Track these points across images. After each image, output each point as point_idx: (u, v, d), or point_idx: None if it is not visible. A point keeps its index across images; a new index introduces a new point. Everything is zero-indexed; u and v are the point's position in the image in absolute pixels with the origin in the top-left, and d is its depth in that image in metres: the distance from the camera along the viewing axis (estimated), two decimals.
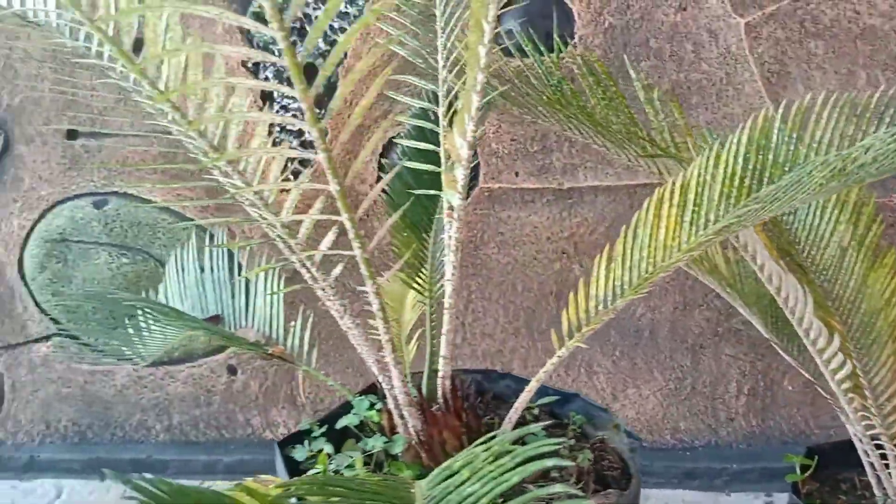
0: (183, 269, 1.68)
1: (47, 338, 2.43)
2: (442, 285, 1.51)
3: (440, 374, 1.40)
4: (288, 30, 0.97)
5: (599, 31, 2.11)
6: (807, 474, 1.65)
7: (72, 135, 2.34)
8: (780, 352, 1.57)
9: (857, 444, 1.53)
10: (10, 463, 2.42)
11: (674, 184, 1.07)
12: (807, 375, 1.51)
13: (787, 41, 2.06)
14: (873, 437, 1.47)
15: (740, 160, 1.04)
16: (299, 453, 1.56)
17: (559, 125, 1.34)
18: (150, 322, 1.44)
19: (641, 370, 2.28)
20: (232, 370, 2.40)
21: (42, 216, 2.37)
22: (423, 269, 1.60)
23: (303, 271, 1.41)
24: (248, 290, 1.62)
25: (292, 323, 1.60)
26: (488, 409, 1.59)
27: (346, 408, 1.64)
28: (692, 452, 2.29)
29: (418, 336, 1.65)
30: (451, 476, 0.85)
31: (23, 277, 2.40)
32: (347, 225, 1.19)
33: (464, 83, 1.15)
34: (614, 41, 2.10)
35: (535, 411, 1.68)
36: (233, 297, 1.61)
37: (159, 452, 2.39)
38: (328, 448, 1.55)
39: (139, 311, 1.45)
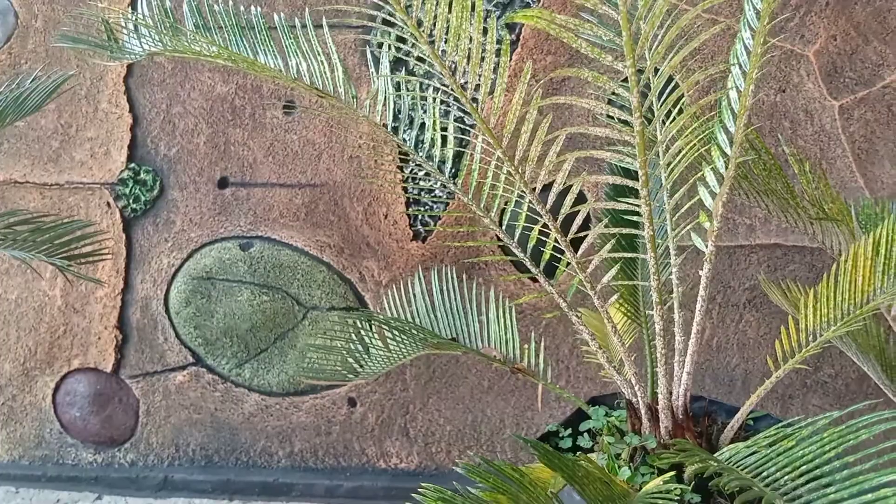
0: (414, 297, 1.89)
1: (184, 367, 2.65)
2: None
3: (682, 387, 1.60)
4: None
5: (706, 108, 2.37)
6: None
7: (223, 183, 2.61)
8: (892, 396, 1.78)
9: None
10: (145, 482, 2.61)
11: (867, 240, 1.30)
12: None
13: (876, 122, 2.32)
14: None
15: None
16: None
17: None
18: (390, 339, 1.62)
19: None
20: (352, 402, 2.61)
21: (190, 255, 2.62)
22: (637, 303, 1.82)
23: (560, 301, 1.62)
24: (481, 316, 1.82)
25: (525, 346, 1.78)
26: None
27: (580, 415, 1.81)
28: None
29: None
30: (752, 453, 1.10)
31: (167, 311, 2.64)
32: (651, 262, 1.43)
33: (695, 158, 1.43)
34: None
35: (750, 422, 1.87)
36: (467, 324, 1.81)
37: (285, 476, 2.58)
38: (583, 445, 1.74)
39: (371, 329, 1.64)
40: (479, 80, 1.48)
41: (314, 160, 2.57)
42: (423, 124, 1.56)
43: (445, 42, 1.47)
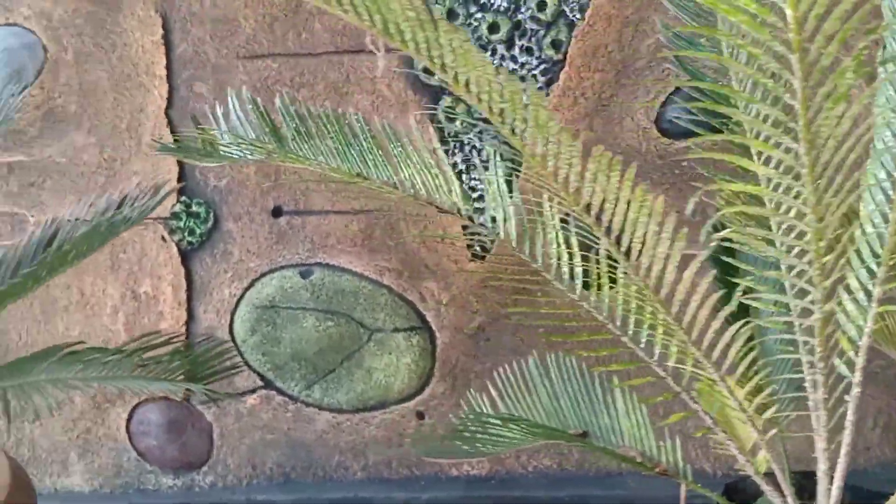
0: (533, 384, 1.92)
1: (254, 391, 2.72)
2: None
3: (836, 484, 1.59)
4: None
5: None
6: None
7: (277, 212, 2.63)
8: None
9: None
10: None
11: None
12: None
13: None
14: None
15: None
16: None
17: None
18: (508, 431, 1.66)
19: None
20: (420, 415, 2.71)
21: (252, 285, 2.66)
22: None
23: (674, 386, 1.60)
24: (609, 409, 1.83)
25: (661, 443, 1.79)
26: None
27: None
28: None
29: None
30: None
31: (233, 339, 2.69)
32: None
33: None
34: None
35: None
36: (595, 415, 1.84)
37: (362, 490, 2.70)
38: None
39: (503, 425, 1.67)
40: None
41: (366, 187, 2.58)
42: (545, 238, 1.54)
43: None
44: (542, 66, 2.49)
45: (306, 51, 2.57)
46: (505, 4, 2.47)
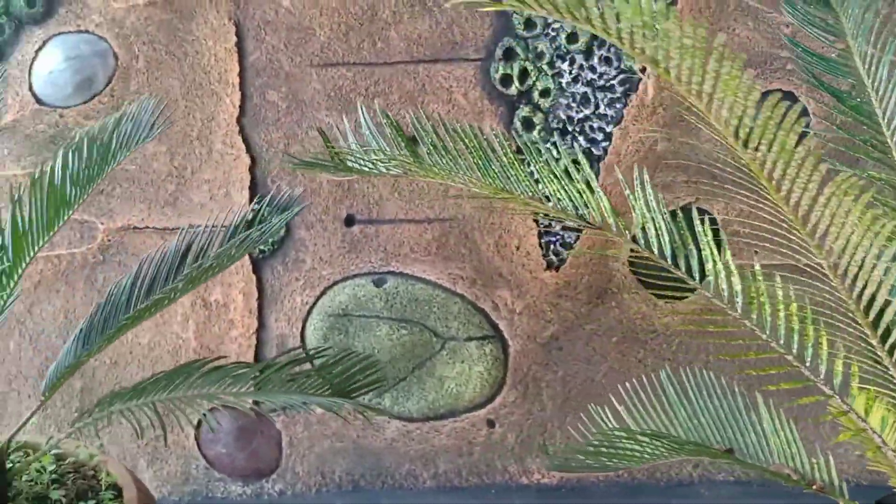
0: (668, 401, 1.85)
1: None
2: None
3: None
4: None
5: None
6: None
7: (349, 221, 2.63)
8: None
9: None
10: None
11: None
12: None
13: None
14: None
15: None
16: None
17: None
18: (638, 446, 1.62)
19: None
20: (491, 423, 2.71)
21: (324, 293, 2.66)
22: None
23: (843, 406, 1.50)
24: (755, 427, 1.78)
25: (814, 460, 1.72)
26: None
27: None
28: None
29: None
30: None
31: (304, 348, 2.70)
32: None
33: None
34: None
35: None
36: (741, 433, 1.78)
37: (433, 498, 2.70)
38: None
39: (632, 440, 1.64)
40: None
41: (441, 195, 2.58)
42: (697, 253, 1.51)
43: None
44: (621, 76, 2.49)
45: (381, 60, 2.57)
46: None
